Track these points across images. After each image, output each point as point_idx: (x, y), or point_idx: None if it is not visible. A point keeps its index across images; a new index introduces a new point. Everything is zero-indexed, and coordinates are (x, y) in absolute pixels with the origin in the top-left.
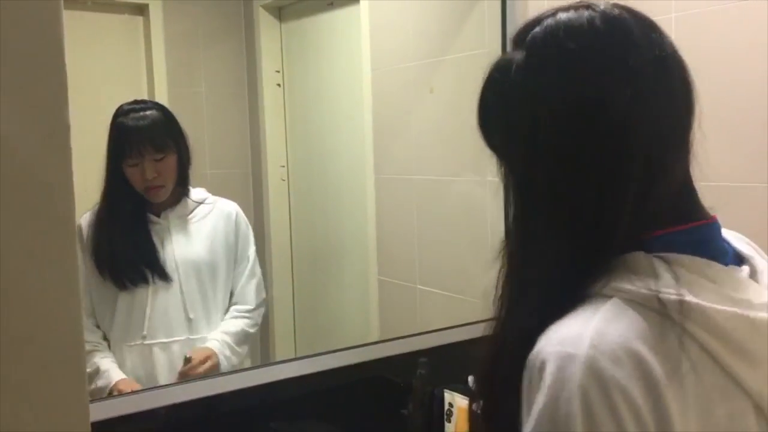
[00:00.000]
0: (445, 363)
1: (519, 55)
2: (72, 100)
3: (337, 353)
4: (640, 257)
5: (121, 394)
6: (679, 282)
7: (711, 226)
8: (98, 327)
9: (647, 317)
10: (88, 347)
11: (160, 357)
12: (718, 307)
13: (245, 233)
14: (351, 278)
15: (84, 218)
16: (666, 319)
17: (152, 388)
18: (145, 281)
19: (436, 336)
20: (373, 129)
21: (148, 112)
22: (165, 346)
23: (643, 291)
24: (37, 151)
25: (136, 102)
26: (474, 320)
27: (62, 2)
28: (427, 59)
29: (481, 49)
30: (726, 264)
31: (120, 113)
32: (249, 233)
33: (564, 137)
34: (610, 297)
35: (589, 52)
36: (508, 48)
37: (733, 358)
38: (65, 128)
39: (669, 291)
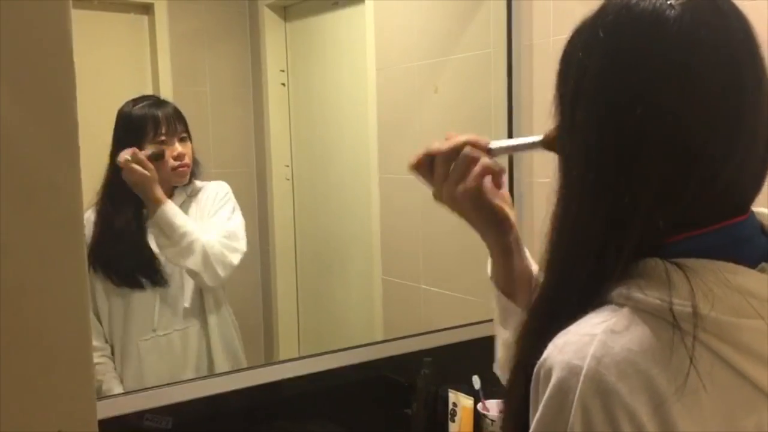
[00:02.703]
0: (449, 363)
1: (592, 15)
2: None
3: (341, 353)
4: (655, 264)
5: (121, 394)
6: (694, 292)
7: (743, 224)
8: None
9: (658, 329)
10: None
11: (177, 345)
12: (734, 319)
13: (219, 201)
14: (355, 278)
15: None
16: (677, 331)
17: (153, 387)
18: (142, 287)
19: (440, 336)
20: (377, 128)
21: (164, 101)
22: (179, 333)
23: (656, 301)
24: (45, 150)
25: (145, 97)
26: (478, 320)
27: (71, 2)
28: (432, 59)
29: (486, 49)
30: (755, 264)
31: (132, 105)
32: (225, 201)
33: (599, 107)
34: (621, 306)
35: (642, 41)
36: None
37: (757, 368)
38: (74, 127)
39: (683, 303)
